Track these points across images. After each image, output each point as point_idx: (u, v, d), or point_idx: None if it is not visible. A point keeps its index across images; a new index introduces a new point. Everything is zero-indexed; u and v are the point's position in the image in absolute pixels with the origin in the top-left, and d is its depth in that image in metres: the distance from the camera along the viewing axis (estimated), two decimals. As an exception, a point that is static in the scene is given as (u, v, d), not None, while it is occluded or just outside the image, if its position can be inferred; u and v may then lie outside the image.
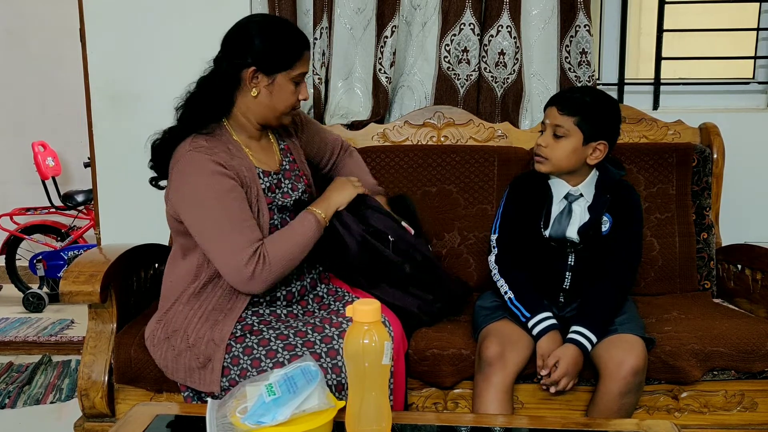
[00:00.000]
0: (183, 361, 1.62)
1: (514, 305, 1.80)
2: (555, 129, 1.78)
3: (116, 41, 2.39)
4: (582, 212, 1.83)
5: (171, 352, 1.64)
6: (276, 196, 1.71)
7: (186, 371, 1.62)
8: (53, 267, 3.91)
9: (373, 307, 1.17)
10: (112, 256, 1.85)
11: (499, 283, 1.86)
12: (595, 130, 1.77)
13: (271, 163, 1.74)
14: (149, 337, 1.70)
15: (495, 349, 1.68)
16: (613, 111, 1.82)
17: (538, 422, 1.47)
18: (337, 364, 1.56)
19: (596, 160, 1.80)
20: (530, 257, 1.87)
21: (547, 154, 1.79)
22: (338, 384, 1.53)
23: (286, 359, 1.54)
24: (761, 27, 2.54)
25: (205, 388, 1.60)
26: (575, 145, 1.77)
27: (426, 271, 1.85)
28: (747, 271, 2.11)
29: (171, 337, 1.65)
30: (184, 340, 1.63)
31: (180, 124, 1.67)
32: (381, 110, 2.38)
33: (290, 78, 1.64)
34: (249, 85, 1.64)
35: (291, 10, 2.31)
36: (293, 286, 1.73)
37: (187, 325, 1.64)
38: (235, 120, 1.70)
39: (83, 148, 3.07)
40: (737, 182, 2.38)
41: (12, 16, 4.36)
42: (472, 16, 2.33)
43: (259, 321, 1.65)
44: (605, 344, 1.70)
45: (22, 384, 2.78)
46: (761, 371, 1.78)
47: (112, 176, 2.46)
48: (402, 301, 1.81)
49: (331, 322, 1.67)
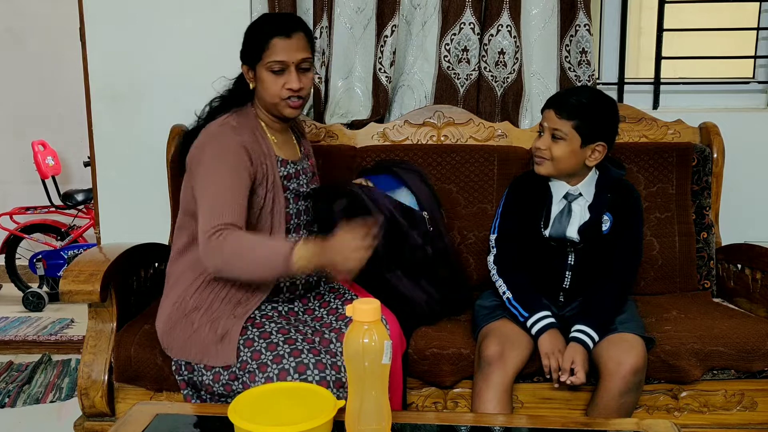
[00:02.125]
0: (200, 337, 1.62)
1: (512, 305, 1.80)
2: (553, 132, 1.78)
3: (116, 41, 2.38)
4: (582, 211, 1.83)
5: (189, 328, 1.64)
6: (293, 184, 1.74)
7: (201, 347, 1.62)
8: (53, 266, 3.91)
9: (372, 306, 1.17)
10: (112, 256, 1.85)
11: (497, 284, 1.86)
12: (593, 132, 1.77)
13: (290, 154, 1.78)
14: (165, 320, 1.69)
15: (495, 348, 1.68)
16: (610, 112, 1.82)
17: (538, 422, 1.47)
18: (336, 363, 1.56)
19: (595, 161, 1.80)
20: (530, 257, 1.87)
21: (547, 156, 1.80)
22: (337, 381, 1.53)
23: (286, 352, 1.54)
24: (761, 26, 2.54)
25: (220, 361, 1.60)
26: (573, 148, 1.78)
27: (443, 264, 1.87)
28: (747, 270, 2.11)
29: (190, 314, 1.66)
30: (206, 314, 1.64)
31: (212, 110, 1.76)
32: (381, 109, 2.38)
33: (265, 68, 1.67)
34: (248, 79, 1.72)
35: (291, 9, 2.31)
36: (298, 278, 1.73)
37: (211, 303, 1.66)
38: (258, 110, 1.76)
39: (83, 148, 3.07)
40: (737, 182, 2.38)
41: (12, 15, 4.36)
42: (472, 15, 2.33)
43: (261, 315, 1.66)
44: (605, 344, 1.70)
45: (22, 383, 2.78)
46: (761, 371, 1.78)
47: (112, 175, 2.46)
48: (411, 292, 1.83)
49: (331, 326, 1.69)
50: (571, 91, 1.93)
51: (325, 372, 1.52)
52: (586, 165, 1.82)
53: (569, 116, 1.76)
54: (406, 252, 1.83)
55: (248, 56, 1.70)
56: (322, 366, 1.52)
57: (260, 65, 1.67)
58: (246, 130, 1.68)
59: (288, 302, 1.74)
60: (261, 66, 1.67)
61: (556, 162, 1.79)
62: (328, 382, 1.51)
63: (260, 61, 1.66)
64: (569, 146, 1.77)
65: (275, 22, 1.70)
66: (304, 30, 1.70)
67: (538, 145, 1.82)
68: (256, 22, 1.73)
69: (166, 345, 1.70)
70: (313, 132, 2.31)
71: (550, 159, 1.79)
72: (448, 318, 1.94)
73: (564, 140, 1.77)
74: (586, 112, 1.77)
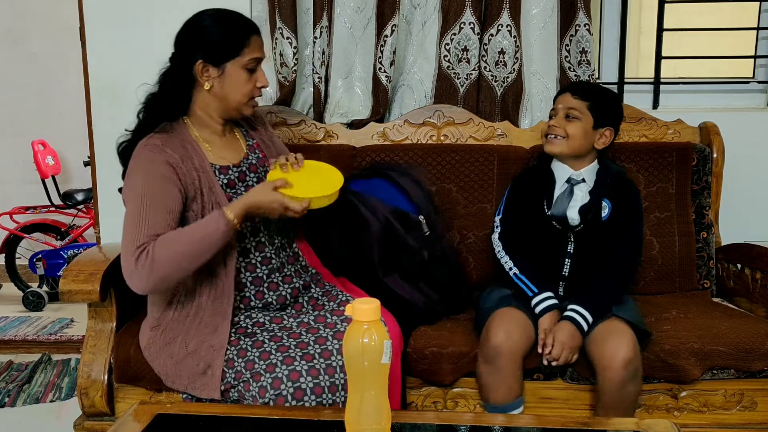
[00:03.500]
0: (184, 369, 1.62)
1: (519, 279, 1.84)
2: (568, 111, 1.88)
3: (116, 41, 2.39)
4: (583, 195, 1.89)
5: (170, 360, 1.64)
6: (238, 190, 1.68)
7: (188, 378, 1.62)
8: (53, 266, 3.91)
9: (372, 306, 1.17)
10: (112, 255, 1.84)
11: (503, 260, 1.90)
12: (604, 116, 1.88)
13: (232, 157, 1.70)
14: (147, 347, 1.69)
15: (501, 335, 1.69)
16: (618, 102, 1.99)
17: (538, 421, 1.47)
18: (331, 365, 1.55)
19: (603, 145, 1.89)
20: (532, 243, 1.91)
21: (561, 133, 1.87)
22: (331, 385, 1.52)
23: (279, 360, 1.53)
24: (761, 26, 2.54)
25: (206, 394, 1.59)
26: (586, 127, 1.87)
27: (441, 266, 1.86)
28: (746, 270, 2.11)
29: (170, 345, 1.64)
30: (182, 347, 1.62)
31: (140, 124, 1.67)
32: (381, 109, 2.38)
33: (241, 66, 1.62)
34: (201, 79, 1.62)
35: (291, 9, 2.31)
36: (282, 289, 1.71)
37: (186, 331, 1.64)
38: (195, 116, 1.68)
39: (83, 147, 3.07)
40: (737, 182, 2.38)
41: (12, 15, 4.36)
42: (472, 15, 2.33)
43: (253, 324, 1.65)
44: (596, 338, 1.71)
45: (21, 383, 2.78)
46: (761, 370, 1.78)
47: (112, 175, 2.43)
48: (410, 294, 1.82)
49: (325, 321, 1.67)
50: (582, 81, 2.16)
51: (318, 378, 1.52)
52: (594, 148, 1.89)
53: (585, 97, 1.88)
54: (404, 257, 1.82)
55: (218, 53, 1.60)
56: (315, 372, 1.52)
57: (234, 63, 1.61)
58: (173, 146, 1.60)
59: (280, 309, 1.72)
60: (235, 63, 1.61)
61: (570, 140, 1.87)
62: (323, 387, 1.51)
63: (236, 58, 1.60)
64: (583, 125, 1.86)
65: (244, 19, 1.65)
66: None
67: (553, 123, 1.90)
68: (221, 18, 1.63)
69: (155, 370, 1.69)
70: (313, 132, 2.31)
71: (565, 136, 1.86)
72: (447, 317, 1.94)
73: (578, 120, 1.86)
74: (599, 95, 1.91)
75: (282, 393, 1.49)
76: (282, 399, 1.48)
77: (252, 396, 1.51)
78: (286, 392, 1.49)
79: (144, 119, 1.67)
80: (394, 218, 1.81)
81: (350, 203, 1.79)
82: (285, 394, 1.48)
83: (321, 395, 1.50)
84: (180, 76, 1.64)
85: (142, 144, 1.61)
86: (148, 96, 1.68)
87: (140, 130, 1.65)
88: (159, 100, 1.66)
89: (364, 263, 1.83)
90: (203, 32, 1.62)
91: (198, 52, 1.61)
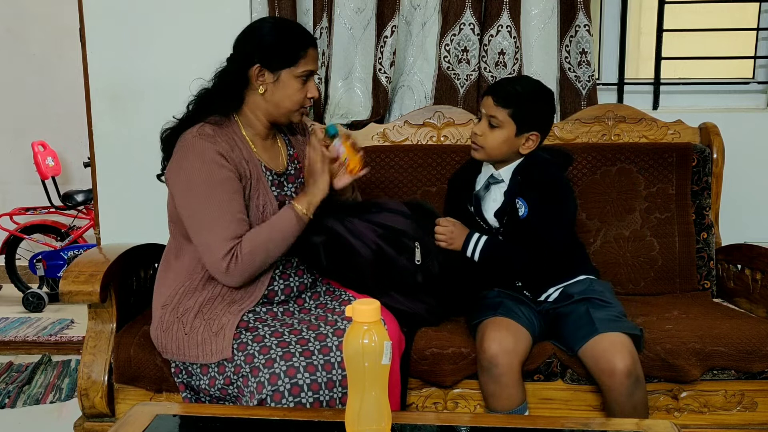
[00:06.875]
0: (195, 336, 1.63)
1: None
2: (490, 119, 1.83)
3: (116, 41, 2.39)
4: (499, 197, 1.89)
5: (182, 330, 1.64)
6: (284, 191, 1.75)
7: (199, 345, 1.62)
8: (53, 267, 3.92)
9: (372, 306, 1.17)
10: (112, 256, 1.85)
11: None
12: (527, 121, 1.82)
13: (274, 163, 1.76)
14: (157, 325, 1.69)
15: (495, 348, 1.68)
16: (546, 103, 1.88)
17: (538, 422, 1.47)
18: (329, 361, 1.56)
19: (528, 149, 1.86)
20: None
21: (482, 142, 1.85)
22: (329, 381, 1.53)
23: (278, 355, 1.54)
24: (761, 27, 2.54)
25: (217, 356, 1.60)
26: (508, 135, 1.83)
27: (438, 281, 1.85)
28: (747, 270, 2.11)
29: (183, 317, 1.66)
30: (199, 317, 1.65)
31: (188, 115, 1.71)
32: (381, 110, 2.38)
33: (295, 75, 1.67)
34: (255, 82, 1.68)
35: (291, 9, 2.31)
36: (292, 281, 1.74)
37: (204, 303, 1.66)
38: (245, 117, 1.73)
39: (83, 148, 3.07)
40: (737, 182, 2.38)
41: (12, 15, 4.36)
42: (472, 15, 2.33)
43: (255, 318, 1.66)
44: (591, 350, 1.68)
45: (21, 384, 2.78)
46: (761, 371, 1.78)
47: (112, 176, 2.46)
48: (410, 306, 1.82)
49: (326, 320, 1.68)
50: (510, 80, 2.02)
51: (315, 374, 1.52)
52: (519, 153, 1.86)
53: (506, 104, 1.81)
54: (396, 277, 1.80)
55: (275, 60, 1.65)
56: (312, 368, 1.52)
57: (289, 71, 1.66)
58: (223, 136, 1.65)
59: (284, 302, 1.74)
60: (290, 72, 1.66)
61: (489, 148, 1.85)
62: (320, 384, 1.51)
63: (292, 67, 1.66)
64: (504, 133, 1.83)
65: (303, 31, 1.73)
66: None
67: (475, 130, 1.87)
68: (281, 27, 1.70)
69: (161, 348, 1.70)
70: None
71: (485, 144, 1.85)
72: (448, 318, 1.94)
73: (499, 128, 1.82)
74: (522, 101, 1.82)
75: (279, 389, 1.49)
76: (279, 395, 1.48)
77: (249, 392, 1.52)
78: (283, 388, 1.49)
79: (194, 111, 1.71)
80: (384, 242, 1.77)
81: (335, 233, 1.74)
82: (282, 390, 1.49)
83: (318, 391, 1.51)
84: (235, 77, 1.69)
85: (192, 133, 1.64)
86: (201, 90, 1.73)
87: (187, 121, 1.69)
88: (212, 96, 1.71)
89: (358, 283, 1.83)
90: (263, 39, 1.67)
91: (256, 57, 1.66)
